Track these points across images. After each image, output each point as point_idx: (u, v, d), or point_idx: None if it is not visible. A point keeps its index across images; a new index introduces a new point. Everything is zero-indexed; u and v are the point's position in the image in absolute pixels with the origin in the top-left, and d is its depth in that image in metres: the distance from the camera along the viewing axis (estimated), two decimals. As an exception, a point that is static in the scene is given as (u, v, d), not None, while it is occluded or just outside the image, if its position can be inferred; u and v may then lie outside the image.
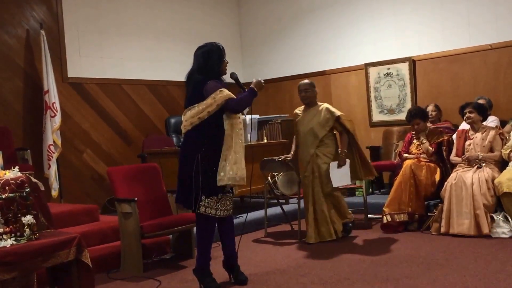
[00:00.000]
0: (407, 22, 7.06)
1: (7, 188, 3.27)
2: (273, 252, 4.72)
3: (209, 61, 3.67)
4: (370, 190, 6.79)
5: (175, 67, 7.54)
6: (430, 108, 6.32)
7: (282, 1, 8.30)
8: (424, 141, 5.45)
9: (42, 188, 3.66)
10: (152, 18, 7.56)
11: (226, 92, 3.60)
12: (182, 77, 3.87)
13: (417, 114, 5.50)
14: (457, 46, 6.67)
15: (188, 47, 7.77)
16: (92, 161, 6.77)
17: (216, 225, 3.78)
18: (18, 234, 3.18)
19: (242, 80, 4.02)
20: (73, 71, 6.61)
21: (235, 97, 3.64)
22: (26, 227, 3.19)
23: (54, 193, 5.93)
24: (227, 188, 3.66)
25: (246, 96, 3.67)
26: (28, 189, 3.34)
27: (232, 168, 3.55)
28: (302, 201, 5.20)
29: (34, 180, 3.57)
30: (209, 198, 3.58)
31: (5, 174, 3.42)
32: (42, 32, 6.07)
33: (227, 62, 3.76)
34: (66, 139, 6.36)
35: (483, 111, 5.31)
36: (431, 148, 5.41)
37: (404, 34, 7.10)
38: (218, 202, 3.61)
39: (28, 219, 3.21)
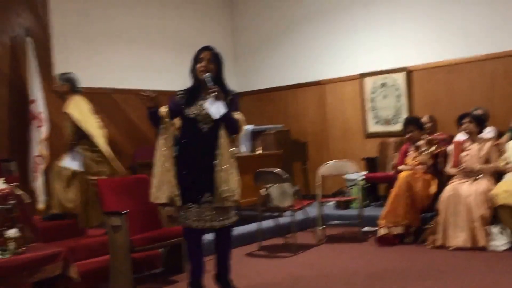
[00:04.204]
0: (403, 32, 7.02)
1: (-10, 200, 3.17)
2: (267, 265, 4.62)
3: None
4: (366, 202, 6.67)
5: (167, 76, 7.44)
6: (424, 120, 6.27)
7: (276, 10, 8.24)
8: (428, 150, 5.36)
9: (28, 200, 3.56)
10: (143, 26, 7.46)
11: None
12: (173, 87, 3.78)
13: (410, 121, 5.49)
14: (453, 56, 6.63)
15: (180, 56, 7.75)
16: (81, 172, 6.61)
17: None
18: (3, 248, 3.08)
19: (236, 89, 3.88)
20: (61, 80, 6.46)
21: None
22: (11, 240, 3.09)
23: (42, 206, 5.76)
24: (204, 198, 3.48)
25: None
26: (14, 201, 3.23)
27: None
28: (296, 214, 5.09)
29: (19, 192, 3.47)
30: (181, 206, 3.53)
31: (-11, 186, 3.32)
32: (28, 39, 5.92)
33: (201, 59, 3.47)
34: (55, 150, 6.20)
35: (481, 123, 5.28)
36: (431, 160, 5.33)
37: (400, 44, 7.06)
38: (186, 212, 3.51)
39: (13, 232, 3.12)
